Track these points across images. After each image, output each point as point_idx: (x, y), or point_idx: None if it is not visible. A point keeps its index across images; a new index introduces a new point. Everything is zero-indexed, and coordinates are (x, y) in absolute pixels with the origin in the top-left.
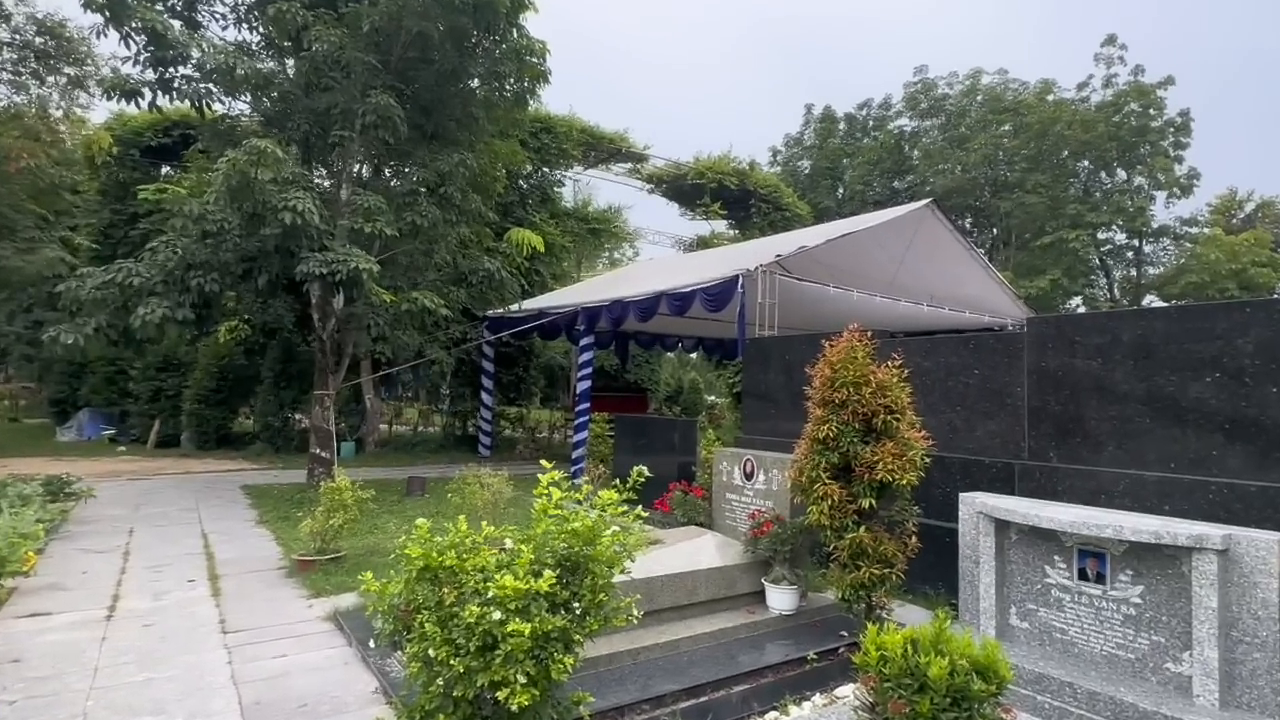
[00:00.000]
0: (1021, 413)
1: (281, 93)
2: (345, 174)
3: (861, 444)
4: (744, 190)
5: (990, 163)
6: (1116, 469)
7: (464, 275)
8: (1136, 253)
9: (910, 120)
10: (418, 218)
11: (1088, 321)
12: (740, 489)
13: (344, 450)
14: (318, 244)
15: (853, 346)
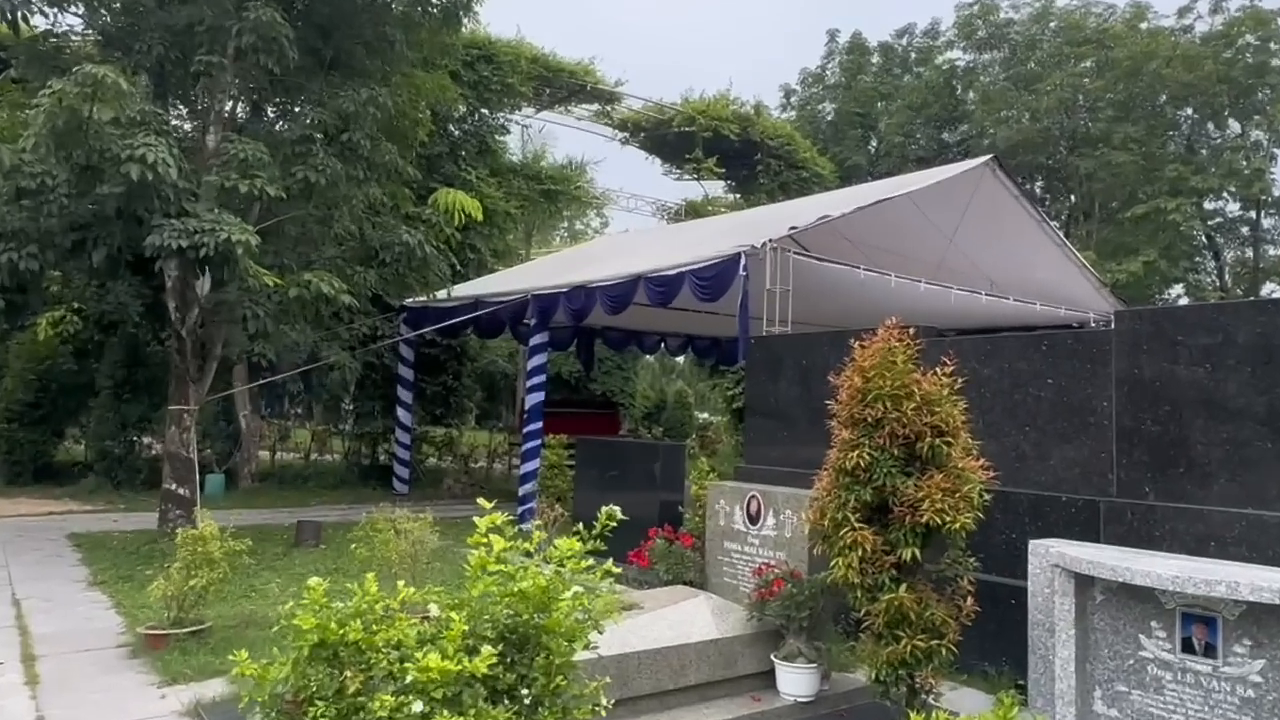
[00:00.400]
0: (1109, 435)
1: (126, 3)
2: (214, 114)
3: (902, 476)
4: (747, 142)
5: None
6: (1231, 508)
7: (374, 251)
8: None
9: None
10: (312, 173)
11: (1193, 316)
12: (743, 536)
13: (211, 485)
14: (175, 207)
15: (890, 349)
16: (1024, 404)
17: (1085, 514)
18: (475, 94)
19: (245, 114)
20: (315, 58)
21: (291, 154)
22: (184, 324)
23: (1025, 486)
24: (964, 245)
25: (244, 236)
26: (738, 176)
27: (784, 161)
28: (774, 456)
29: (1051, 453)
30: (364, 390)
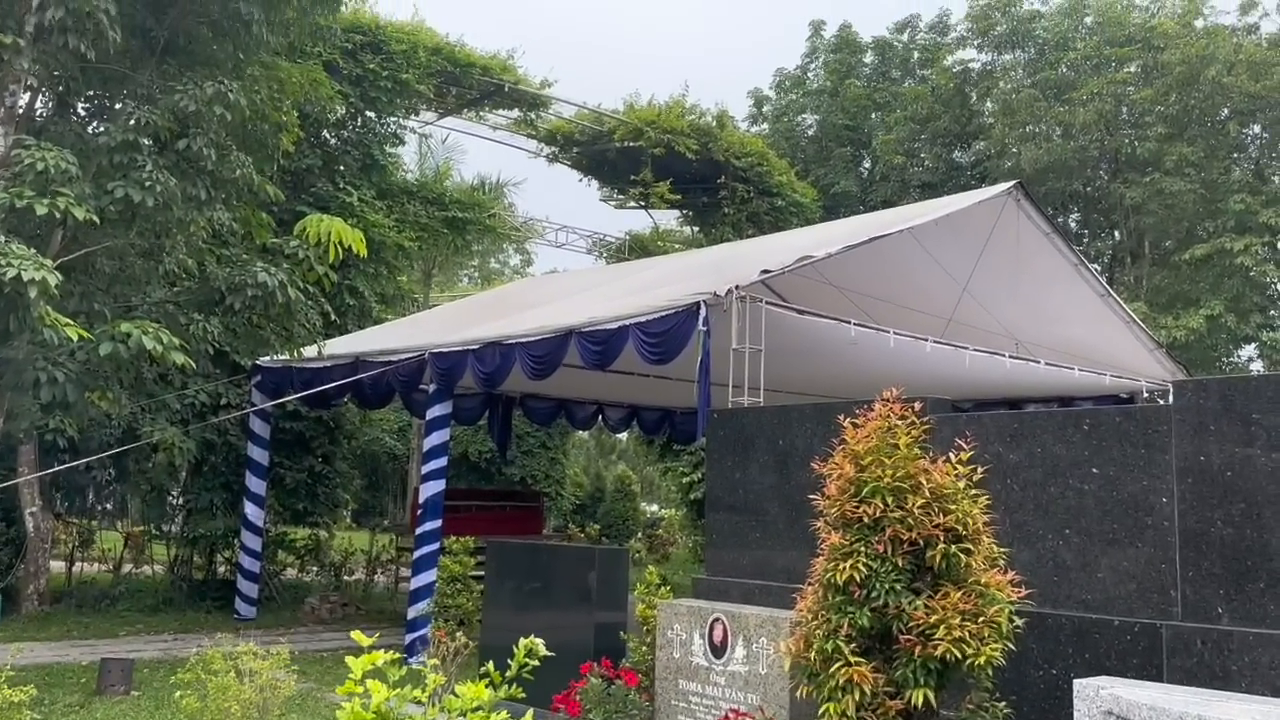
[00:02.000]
0: (1170, 540)
1: None
2: (3, 111)
3: (909, 593)
4: (708, 162)
5: (1108, 125)
6: None
7: (219, 294)
8: None
9: (980, 53)
10: (136, 190)
11: (1272, 388)
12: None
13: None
14: None
15: (890, 428)
16: (1063, 500)
17: (1143, 642)
18: (358, 92)
19: (47, 111)
20: (144, 40)
21: (109, 165)
22: None
23: (1067, 607)
24: (981, 294)
25: (39, 274)
26: (696, 205)
27: (754, 187)
28: (744, 565)
29: (1099, 563)
30: (200, 479)
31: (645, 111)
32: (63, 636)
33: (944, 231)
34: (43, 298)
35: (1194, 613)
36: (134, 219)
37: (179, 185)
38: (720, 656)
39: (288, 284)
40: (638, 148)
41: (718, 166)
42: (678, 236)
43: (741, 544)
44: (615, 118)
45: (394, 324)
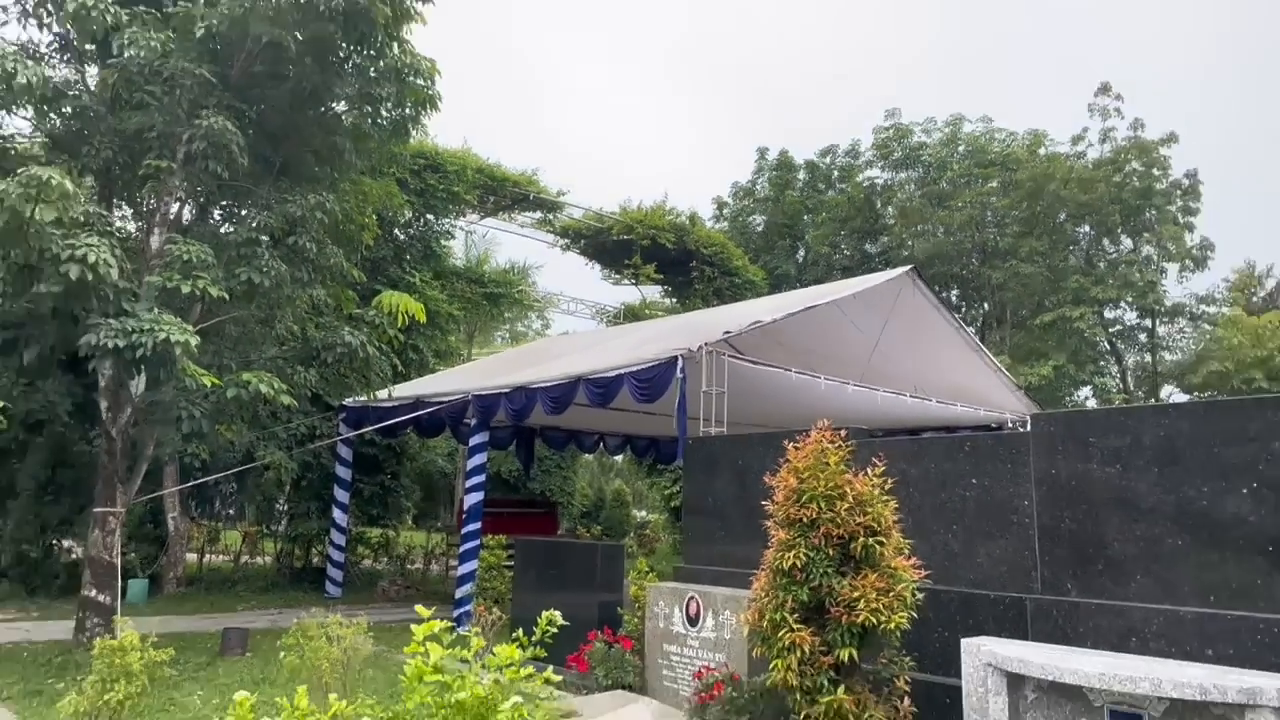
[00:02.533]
0: (1031, 533)
1: (78, 108)
2: (159, 216)
3: (838, 576)
4: (683, 250)
5: (977, 225)
6: (1148, 603)
7: (316, 351)
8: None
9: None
10: (256, 275)
11: (1102, 419)
12: (682, 638)
13: (133, 591)
14: (114, 307)
15: (823, 450)
16: (951, 503)
17: (1013, 611)
18: (421, 201)
19: (191, 216)
20: (264, 164)
21: (236, 256)
22: (115, 424)
23: (956, 584)
24: (888, 349)
25: (183, 337)
26: (674, 282)
27: (718, 269)
28: (712, 556)
29: (979, 551)
30: (299, 490)
31: (635, 213)
32: (195, 612)
33: (859, 303)
34: (185, 355)
35: (1050, 588)
36: (254, 296)
37: (288, 271)
38: (694, 626)
39: (367, 344)
40: (629, 240)
41: (690, 254)
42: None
43: (710, 540)
44: (612, 218)
45: (445, 373)
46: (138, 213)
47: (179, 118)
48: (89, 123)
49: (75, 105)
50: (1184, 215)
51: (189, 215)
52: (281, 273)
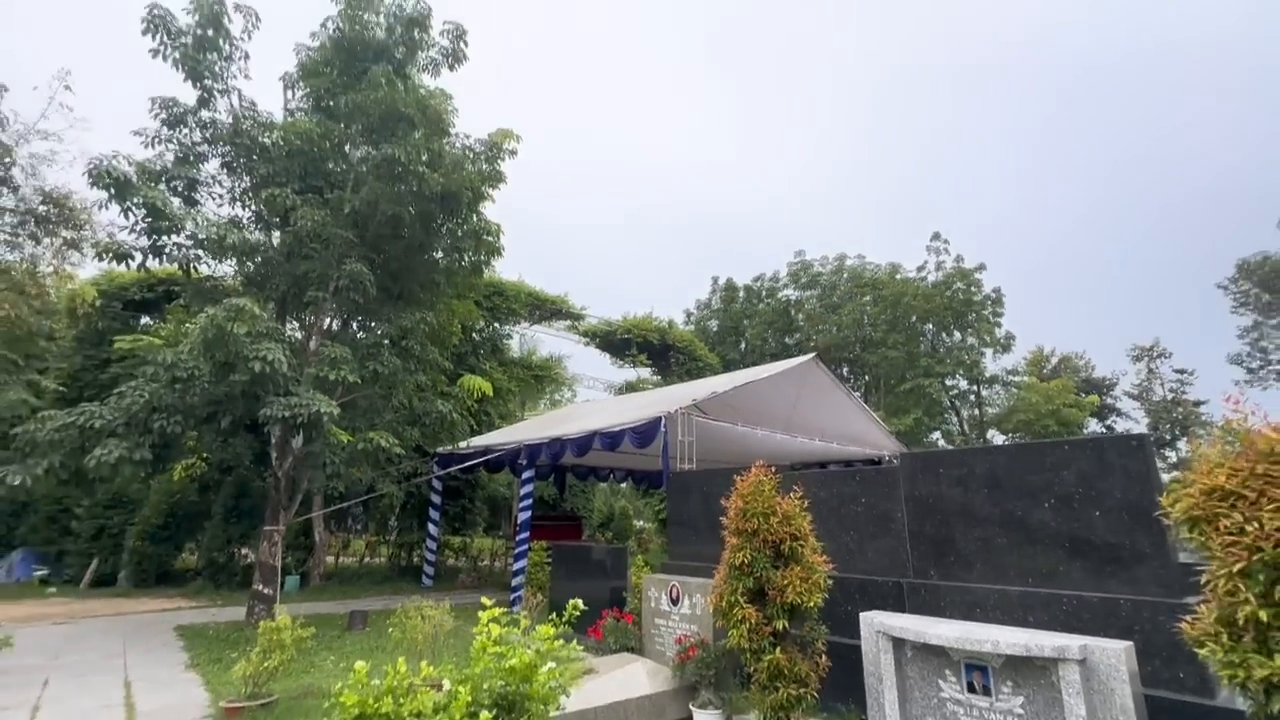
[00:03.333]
0: (904, 536)
1: (265, 259)
2: (316, 327)
3: (773, 569)
4: (664, 344)
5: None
6: (986, 585)
7: (419, 417)
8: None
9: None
10: (379, 366)
11: (947, 458)
12: (667, 614)
13: (288, 584)
14: (283, 389)
15: (760, 481)
16: (849, 516)
17: (894, 591)
18: (490, 314)
19: (337, 327)
20: (386, 292)
21: (366, 354)
22: (281, 468)
23: (854, 572)
24: (803, 408)
25: (329, 409)
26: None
27: (687, 356)
28: (688, 555)
29: (869, 548)
30: (405, 511)
31: (632, 320)
32: (331, 599)
33: (782, 378)
34: (330, 421)
35: (919, 574)
36: (377, 380)
37: (401, 363)
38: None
39: (453, 412)
40: (629, 338)
41: (669, 347)
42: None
43: (687, 543)
44: (617, 324)
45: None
46: (302, 325)
47: (331, 264)
48: (272, 268)
49: (264, 257)
50: (994, 317)
51: (335, 326)
52: (396, 365)
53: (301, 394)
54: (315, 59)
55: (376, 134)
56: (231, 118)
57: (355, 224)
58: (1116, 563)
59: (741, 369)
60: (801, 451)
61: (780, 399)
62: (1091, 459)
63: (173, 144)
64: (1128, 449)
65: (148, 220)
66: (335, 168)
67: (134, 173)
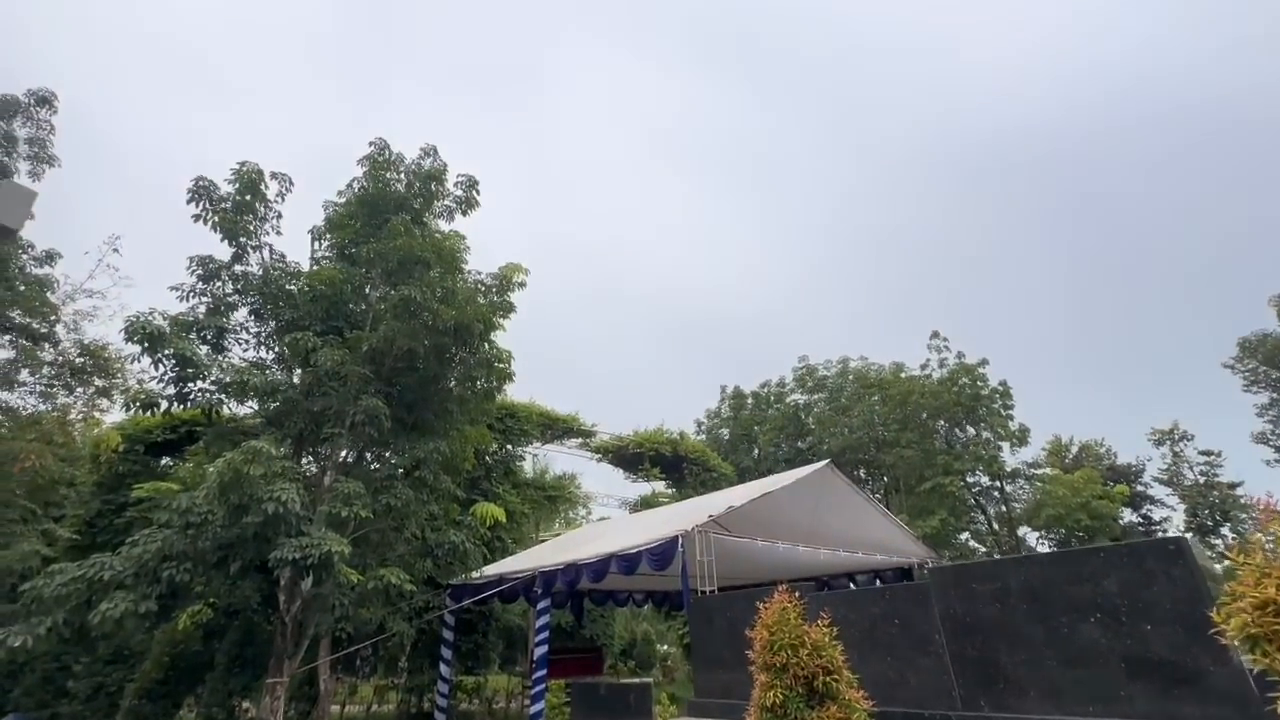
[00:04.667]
0: (945, 659)
1: (285, 398)
2: (332, 461)
3: (808, 709)
4: (677, 456)
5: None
6: (1044, 715)
7: (431, 548)
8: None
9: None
10: (393, 499)
11: (979, 570)
12: None
13: None
14: (295, 529)
15: (784, 609)
16: (883, 639)
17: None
18: (503, 437)
19: (351, 459)
20: (400, 424)
21: (380, 487)
22: (289, 611)
23: (896, 705)
24: (823, 517)
25: (340, 548)
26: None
27: (701, 467)
28: (715, 689)
29: (909, 676)
30: (415, 650)
31: (643, 434)
32: None
33: (799, 487)
34: (341, 561)
35: (968, 705)
36: (389, 513)
37: (414, 495)
38: None
39: (466, 541)
40: (641, 452)
41: (682, 458)
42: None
43: (712, 676)
44: (629, 439)
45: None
46: (316, 459)
47: (348, 400)
48: (292, 406)
49: (284, 396)
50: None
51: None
52: (409, 497)
53: (313, 533)
54: (341, 213)
55: (395, 276)
56: (262, 270)
57: (372, 360)
58: (1180, 682)
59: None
60: (827, 564)
61: (799, 509)
62: (1130, 567)
63: (206, 296)
64: (1166, 554)
65: (176, 370)
66: (355, 308)
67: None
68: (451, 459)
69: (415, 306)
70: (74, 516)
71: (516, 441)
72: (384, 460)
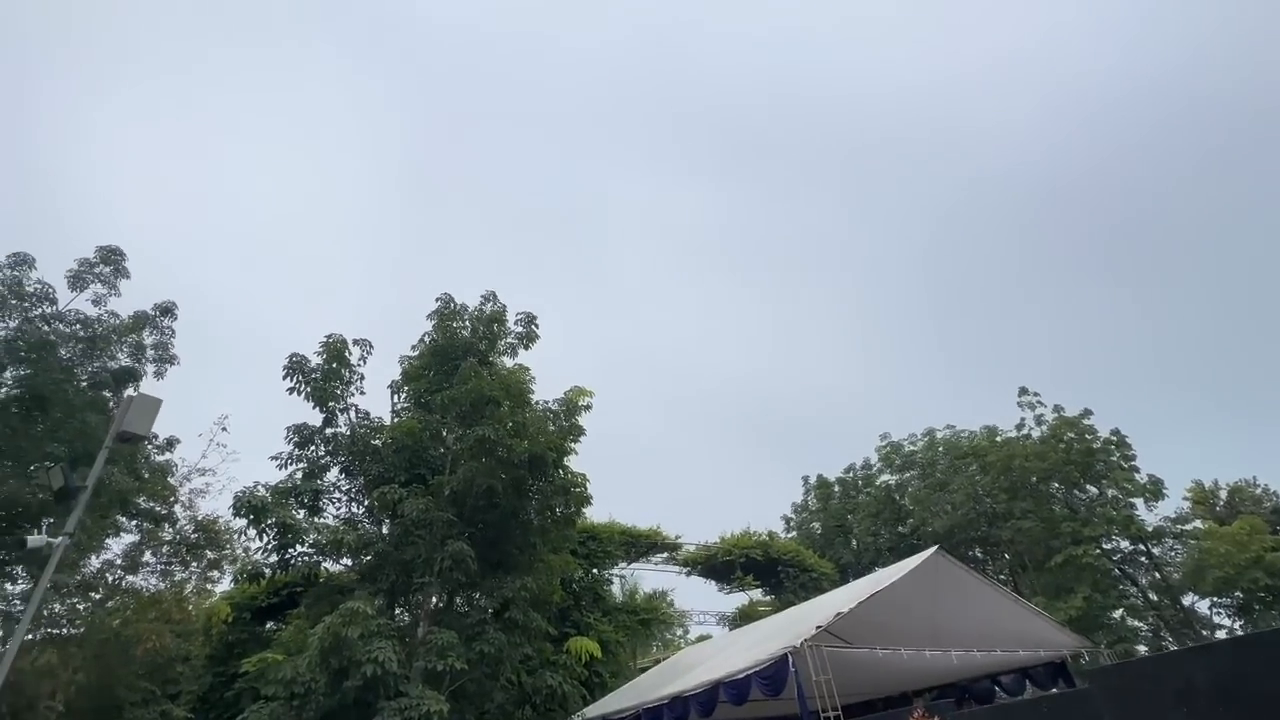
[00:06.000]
0: None
1: (377, 552)
2: (423, 610)
3: None
4: (770, 559)
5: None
6: None
7: (529, 695)
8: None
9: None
10: (486, 646)
11: (1151, 666)
12: None
13: None
14: (394, 690)
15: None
16: None
17: None
18: (587, 561)
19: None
20: (485, 563)
21: (472, 633)
22: None
23: None
24: (946, 613)
25: (439, 706)
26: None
27: (797, 567)
28: None
29: None
30: None
31: (730, 540)
32: None
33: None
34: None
35: None
36: (483, 660)
37: (506, 638)
38: None
39: (563, 684)
40: (731, 560)
41: (775, 561)
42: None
43: None
44: (716, 547)
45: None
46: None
47: (435, 547)
48: (383, 558)
49: (375, 551)
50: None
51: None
52: (502, 641)
53: (411, 692)
54: (416, 365)
55: (468, 418)
56: (349, 430)
57: (454, 502)
58: None
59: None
60: (961, 668)
61: (917, 605)
62: None
63: (302, 462)
64: None
65: (278, 537)
66: (434, 453)
67: (269, 496)
68: (539, 594)
69: (490, 444)
70: (189, 694)
71: (601, 564)
72: (473, 603)
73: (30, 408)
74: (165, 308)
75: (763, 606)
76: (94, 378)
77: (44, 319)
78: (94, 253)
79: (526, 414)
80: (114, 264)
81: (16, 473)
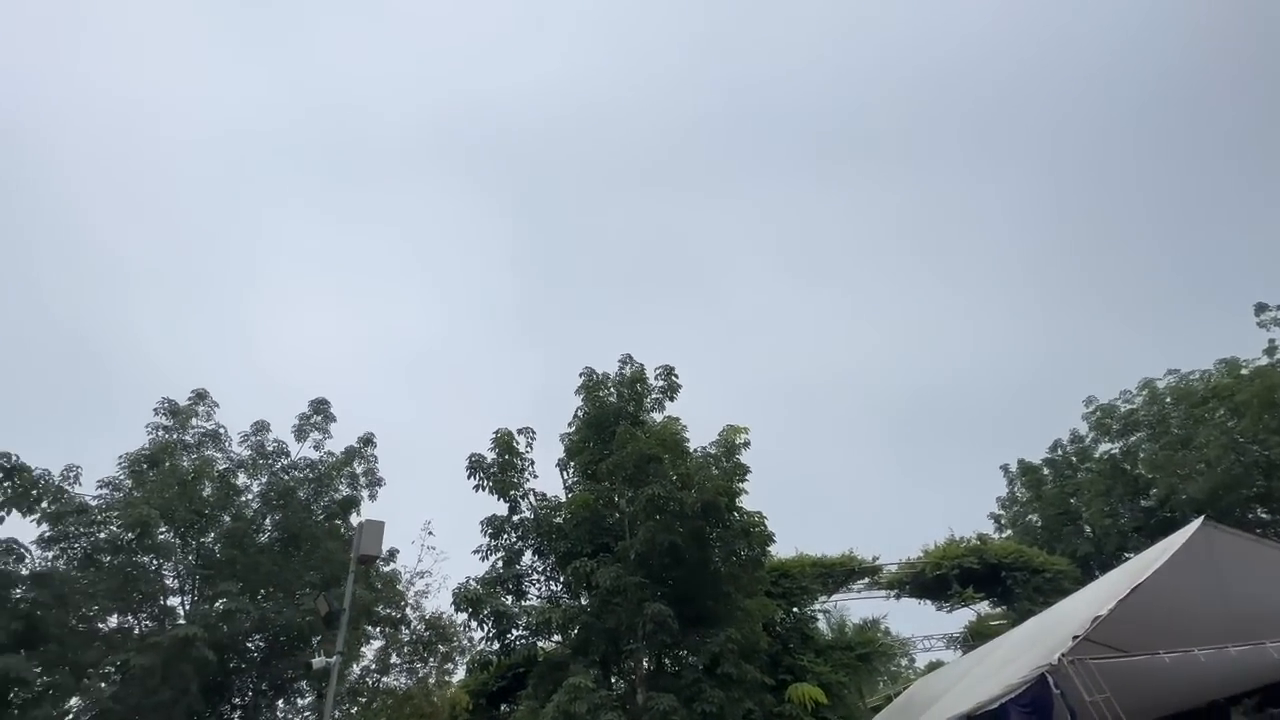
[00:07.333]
0: None
1: (582, 625)
2: (637, 676)
3: None
4: (988, 565)
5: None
6: None
7: None
8: None
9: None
10: (707, 705)
11: None
12: None
13: None
14: None
15: None
16: None
17: None
18: (785, 600)
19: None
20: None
21: (689, 694)
22: None
23: None
24: (1238, 591)
25: None
26: (994, 593)
27: (1025, 570)
28: None
29: None
30: None
31: (935, 552)
32: None
33: (1176, 566)
34: None
35: None
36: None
37: (724, 695)
38: None
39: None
40: (941, 573)
41: (995, 566)
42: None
43: None
44: (921, 562)
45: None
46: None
47: (634, 612)
48: (589, 630)
49: (580, 623)
50: None
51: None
52: (721, 698)
53: None
54: (575, 440)
55: (634, 479)
56: (532, 513)
57: (641, 564)
58: None
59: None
60: None
61: (1198, 592)
62: None
63: (499, 550)
64: None
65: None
66: (610, 520)
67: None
68: (745, 643)
69: (660, 500)
70: None
71: (800, 602)
72: (683, 662)
73: (286, 545)
74: (366, 439)
75: (995, 620)
76: (326, 510)
77: (284, 469)
78: (307, 406)
79: (688, 464)
80: (323, 413)
81: (287, 603)
